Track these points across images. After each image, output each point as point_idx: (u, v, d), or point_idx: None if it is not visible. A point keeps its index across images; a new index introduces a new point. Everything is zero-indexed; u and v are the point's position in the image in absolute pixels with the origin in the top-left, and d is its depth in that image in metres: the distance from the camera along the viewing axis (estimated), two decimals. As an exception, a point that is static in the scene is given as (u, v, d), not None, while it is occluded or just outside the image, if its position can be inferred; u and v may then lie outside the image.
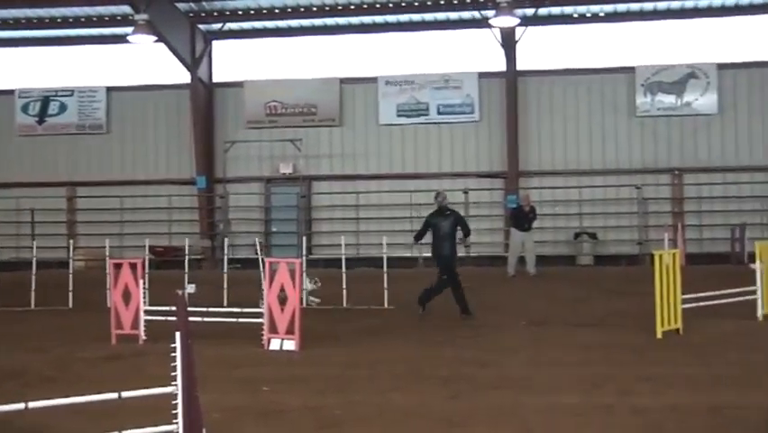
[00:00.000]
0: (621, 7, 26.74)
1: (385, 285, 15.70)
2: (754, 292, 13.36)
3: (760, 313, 13.17)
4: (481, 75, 27.68)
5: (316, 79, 28.27)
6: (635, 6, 26.63)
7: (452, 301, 14.59)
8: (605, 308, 15.41)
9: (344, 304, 15.81)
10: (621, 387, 8.77)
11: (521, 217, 22.45)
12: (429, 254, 15.66)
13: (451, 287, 14.61)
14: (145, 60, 28.73)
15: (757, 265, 13.35)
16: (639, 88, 27.04)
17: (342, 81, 28.28)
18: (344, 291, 15.99)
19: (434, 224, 14.90)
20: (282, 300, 11.55)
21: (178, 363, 6.65)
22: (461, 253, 26.39)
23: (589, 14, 27.18)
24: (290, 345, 11.51)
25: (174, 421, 6.58)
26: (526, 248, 22.32)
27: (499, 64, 27.23)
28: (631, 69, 27.08)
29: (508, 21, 24.24)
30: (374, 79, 28.05)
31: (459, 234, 15.05)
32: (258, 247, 16.06)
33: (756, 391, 8.52)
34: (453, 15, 27.42)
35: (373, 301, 15.74)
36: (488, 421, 7.60)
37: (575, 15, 27.24)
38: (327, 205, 28.04)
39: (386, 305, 15.66)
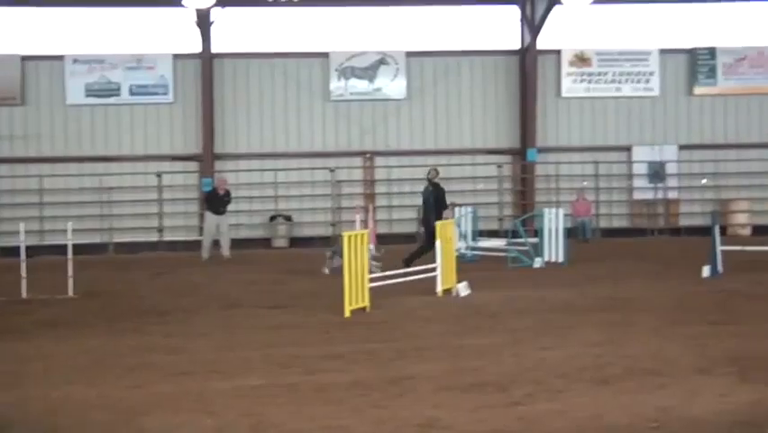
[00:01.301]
0: (315, -7, 27.23)
1: (69, 273, 14.89)
2: (434, 270, 14.05)
3: (439, 289, 13.87)
4: (176, 56, 27.06)
5: (-7, 55, 26.37)
6: (328, -7, 27.22)
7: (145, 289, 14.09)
8: (298, 290, 15.57)
9: (23, 295, 14.79)
10: (308, 366, 8.85)
11: (216, 201, 22.24)
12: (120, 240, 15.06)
13: (426, 246, 16.90)
14: None
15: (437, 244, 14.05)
16: (333, 73, 27.64)
17: (24, 58, 26.55)
18: (23, 281, 14.96)
19: (425, 197, 17.97)
20: None
21: None
22: (156, 237, 26.30)
23: (284, -1, 27.40)
24: (-43, 340, 10.60)
25: None
26: (221, 231, 22.14)
27: (195, 46, 26.75)
28: (325, 55, 27.60)
29: (203, 2, 23.85)
30: (60, 57, 26.58)
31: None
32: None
33: (429, 361, 8.92)
34: (147, -7, 26.64)
35: (56, 291, 14.88)
36: (172, 408, 7.38)
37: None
38: (7, 189, 26.22)
39: (70, 294, 14.85)
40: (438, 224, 14.67)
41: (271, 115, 27.60)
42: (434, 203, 17.62)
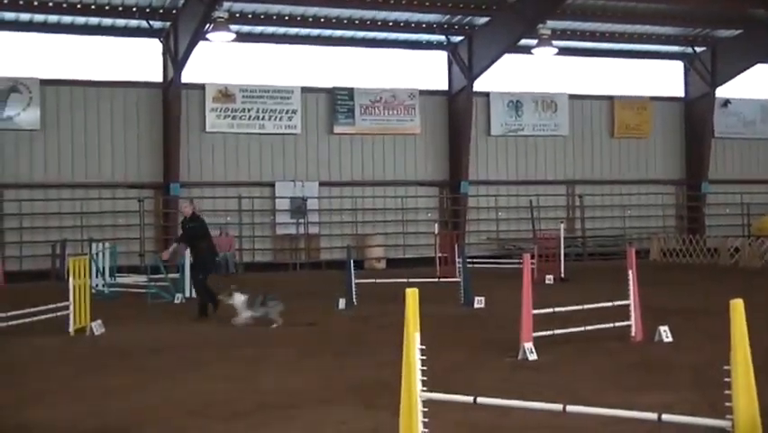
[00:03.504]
0: None
1: None
2: (67, 308, 13.30)
3: (72, 328, 13.14)
4: None
5: None
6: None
7: None
8: None
9: None
10: None
11: None
12: None
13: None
14: None
15: (70, 281, 13.32)
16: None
17: None
18: None
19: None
20: None
21: None
22: None
23: None
24: None
25: None
26: None
27: None
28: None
29: None
30: None
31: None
32: None
33: (51, 406, 8.32)
34: None
35: None
36: None
37: None
38: None
39: None
40: (71, 260, 13.88)
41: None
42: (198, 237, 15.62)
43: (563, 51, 30.25)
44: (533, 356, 9.98)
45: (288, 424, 7.30)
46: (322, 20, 28.19)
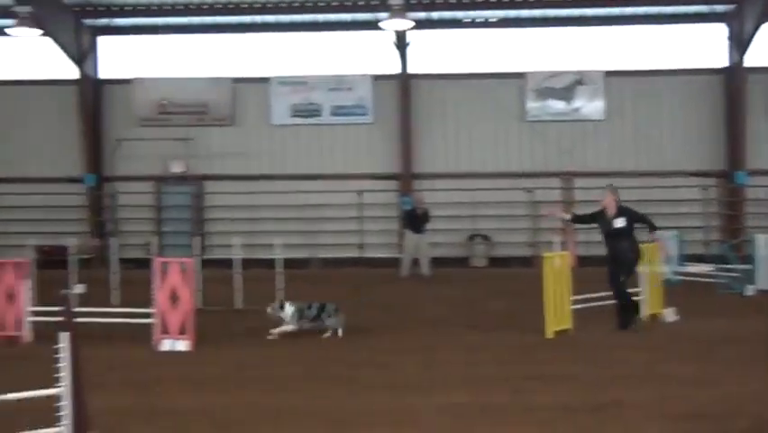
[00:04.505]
0: (512, 14, 27.25)
1: (278, 286, 15.55)
2: (639, 294, 13.74)
3: (645, 313, 13.55)
4: (375, 77, 27.77)
5: (208, 78, 27.88)
6: (524, 13, 27.17)
7: (348, 304, 14.49)
8: (497, 309, 15.63)
9: (237, 305, 15.60)
10: (512, 386, 8.89)
11: (415, 219, 22.67)
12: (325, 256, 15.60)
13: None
14: (30, 55, 27.83)
15: (644, 268, 13.70)
16: (529, 94, 27.58)
17: (235, 81, 27.97)
18: (238, 292, 15.78)
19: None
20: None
21: (65, 363, 6.46)
22: (356, 253, 27.04)
23: (480, 20, 27.59)
24: (182, 345, 11.31)
25: (58, 424, 6.38)
26: (420, 250, 22.52)
27: (392, 67, 27.38)
28: (521, 75, 27.59)
29: (401, 24, 24.41)
30: (267, 79, 27.84)
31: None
32: (150, 247, 15.71)
33: (637, 389, 8.74)
34: (347, 17, 27.43)
35: (266, 302, 15.55)
36: (382, 422, 7.60)
37: (467, 21, 27.60)
38: (220, 205, 27.66)
39: (279, 306, 15.49)
40: (645, 247, 13.98)
41: (468, 134, 27.79)
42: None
43: None
44: None
45: None
46: None
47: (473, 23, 27.54)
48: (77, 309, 7.73)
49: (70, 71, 27.35)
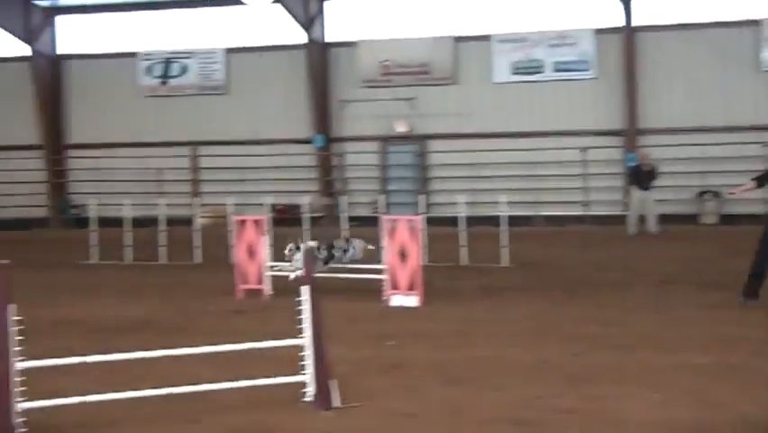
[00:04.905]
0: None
1: (503, 244, 15.64)
2: None
3: None
4: (597, 31, 27.05)
5: (430, 38, 28.13)
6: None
7: (575, 261, 14.42)
8: (731, 268, 14.94)
9: (463, 262, 15.82)
10: (753, 348, 8.54)
11: (640, 176, 22.11)
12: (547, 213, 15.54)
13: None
14: (260, 22, 29.09)
15: None
16: (765, 42, 25.98)
17: (456, 39, 28.07)
18: (462, 249, 15.99)
19: None
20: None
21: (306, 315, 6.82)
22: (581, 211, 26.64)
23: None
24: (411, 301, 11.62)
25: (302, 372, 6.76)
26: (647, 207, 22.00)
27: (615, 20, 26.55)
28: (755, 23, 26.02)
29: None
30: (488, 37, 27.74)
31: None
32: (378, 205, 16.19)
33: None
34: (569, -31, 26.92)
35: (491, 259, 15.70)
36: (613, 378, 7.52)
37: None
38: (443, 164, 27.98)
39: (504, 263, 15.59)
40: None
41: (696, 87, 26.57)
42: None
43: None
44: None
45: None
46: None
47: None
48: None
49: (299, 36, 28.39)
